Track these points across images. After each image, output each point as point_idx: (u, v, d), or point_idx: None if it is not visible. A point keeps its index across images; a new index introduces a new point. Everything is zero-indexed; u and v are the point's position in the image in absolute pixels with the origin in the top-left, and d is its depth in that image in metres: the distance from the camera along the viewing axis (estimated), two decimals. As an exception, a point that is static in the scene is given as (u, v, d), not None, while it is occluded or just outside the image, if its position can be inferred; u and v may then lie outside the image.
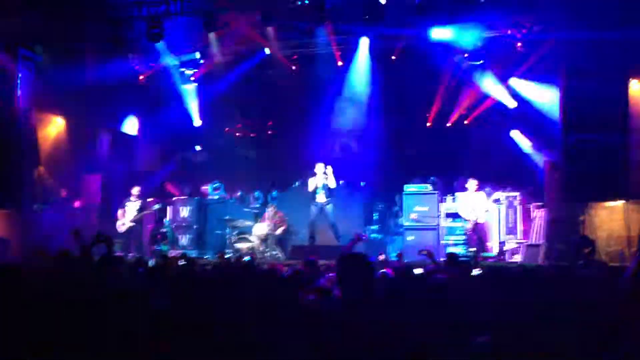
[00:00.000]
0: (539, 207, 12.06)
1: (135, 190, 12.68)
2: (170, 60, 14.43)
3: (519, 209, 12.37)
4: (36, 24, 11.60)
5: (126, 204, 12.58)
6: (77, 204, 13.40)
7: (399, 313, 3.16)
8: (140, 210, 12.52)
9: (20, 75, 11.90)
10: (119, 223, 12.50)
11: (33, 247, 9.03)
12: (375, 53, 14.17)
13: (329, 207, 11.92)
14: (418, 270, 5.64)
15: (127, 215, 12.47)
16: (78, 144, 13.78)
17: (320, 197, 11.90)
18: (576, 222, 10.65)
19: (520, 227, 12.29)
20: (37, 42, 12.16)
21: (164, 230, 14.09)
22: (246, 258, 10.70)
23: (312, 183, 11.99)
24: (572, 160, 10.02)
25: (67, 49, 12.60)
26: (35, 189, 12.33)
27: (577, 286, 4.49)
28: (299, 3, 10.90)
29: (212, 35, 13.38)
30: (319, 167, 12.02)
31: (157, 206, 13.21)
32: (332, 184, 11.92)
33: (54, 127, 13.76)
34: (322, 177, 11.90)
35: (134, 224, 12.45)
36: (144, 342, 2.89)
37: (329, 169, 11.95)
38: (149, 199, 13.31)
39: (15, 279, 3.43)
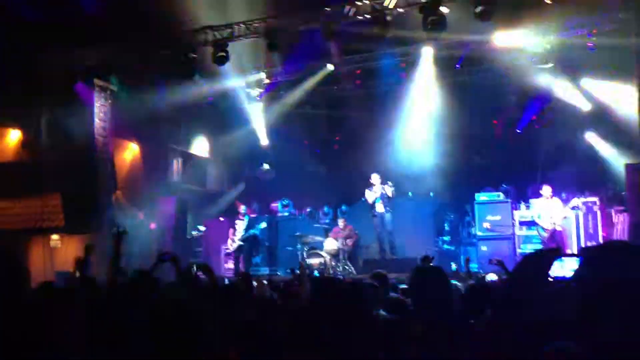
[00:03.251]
0: (620, 212, 11.53)
1: (242, 208, 13.21)
2: (236, 82, 14.72)
3: (598, 214, 11.85)
4: (109, 55, 12.15)
5: (236, 222, 13.13)
6: (152, 225, 13.80)
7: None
8: (248, 228, 12.95)
9: (97, 104, 12.47)
10: (229, 242, 13.09)
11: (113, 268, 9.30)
12: (439, 62, 13.99)
13: (388, 216, 11.89)
14: (492, 277, 5.48)
15: (237, 234, 13.00)
16: (152, 168, 14.28)
17: (379, 207, 11.92)
18: (662, 226, 10.11)
19: (601, 233, 11.76)
20: (111, 72, 12.71)
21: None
22: (316, 273, 10.73)
23: (370, 195, 12.07)
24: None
25: (139, 76, 13.10)
26: (113, 213, 12.77)
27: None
28: (360, 18, 10.87)
29: (275, 55, 13.57)
30: (375, 178, 12.05)
31: (263, 224, 13.47)
32: (389, 192, 11.81)
33: (129, 153, 14.32)
34: (380, 188, 11.88)
35: (242, 243, 12.91)
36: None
37: (387, 188, 11.83)
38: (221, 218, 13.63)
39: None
